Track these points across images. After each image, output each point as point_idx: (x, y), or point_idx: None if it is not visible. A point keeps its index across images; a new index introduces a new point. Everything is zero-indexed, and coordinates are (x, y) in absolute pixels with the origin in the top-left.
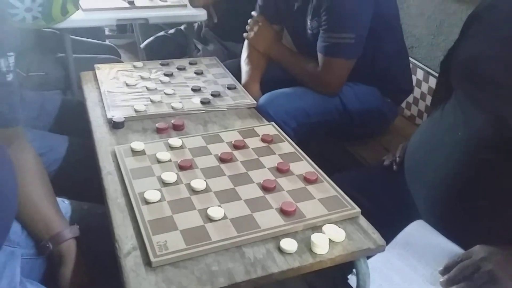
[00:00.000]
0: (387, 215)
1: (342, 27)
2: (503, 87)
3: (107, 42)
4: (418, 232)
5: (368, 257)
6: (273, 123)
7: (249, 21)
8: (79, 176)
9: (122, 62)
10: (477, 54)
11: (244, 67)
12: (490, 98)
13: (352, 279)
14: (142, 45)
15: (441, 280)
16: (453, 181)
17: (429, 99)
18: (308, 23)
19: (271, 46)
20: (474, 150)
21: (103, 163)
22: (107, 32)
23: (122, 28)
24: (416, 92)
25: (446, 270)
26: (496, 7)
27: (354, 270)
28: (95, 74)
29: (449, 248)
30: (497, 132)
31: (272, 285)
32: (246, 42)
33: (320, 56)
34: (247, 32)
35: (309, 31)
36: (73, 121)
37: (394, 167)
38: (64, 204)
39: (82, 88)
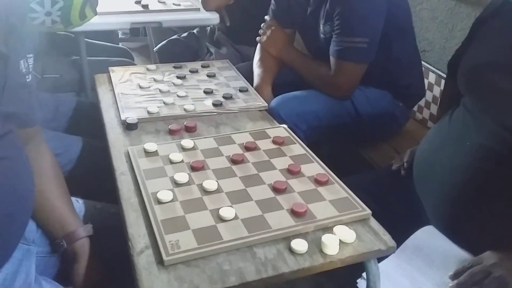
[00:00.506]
0: (396, 220)
1: (355, 31)
2: (509, 97)
3: (120, 45)
4: (428, 238)
5: (378, 261)
6: (284, 125)
7: (262, 25)
8: (93, 176)
9: (136, 65)
10: (484, 63)
11: (256, 70)
12: (497, 108)
13: (361, 283)
14: (155, 49)
15: (450, 285)
16: (461, 189)
17: None
18: (321, 28)
19: (284, 49)
20: (482, 160)
21: (117, 164)
22: (120, 35)
23: (135, 31)
24: (428, 96)
25: (456, 276)
26: (502, 13)
27: (363, 275)
28: (109, 76)
29: (458, 254)
30: (505, 143)
31: (282, 286)
32: (258, 45)
33: (332, 59)
34: (259, 35)
35: (321, 35)
36: (87, 122)
37: (402, 172)
38: (78, 203)
39: (96, 90)
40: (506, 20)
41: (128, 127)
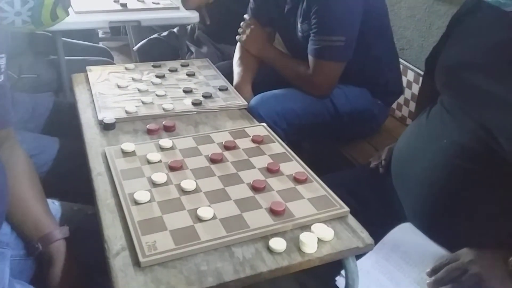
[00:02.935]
0: (374, 217)
1: (332, 30)
2: (486, 96)
3: (101, 44)
4: (405, 234)
5: (356, 258)
6: (264, 123)
7: (241, 23)
8: (69, 178)
9: (115, 64)
10: (460, 61)
11: (236, 69)
12: (473, 107)
13: (340, 281)
14: (135, 48)
15: (428, 281)
16: (439, 186)
17: None
18: (299, 26)
19: (263, 48)
20: (458, 159)
21: (94, 164)
22: (100, 35)
23: (116, 30)
24: (407, 94)
25: (433, 272)
26: (478, 12)
27: (341, 272)
28: (87, 76)
29: (435, 251)
30: (482, 141)
31: (263, 284)
32: (238, 44)
33: (310, 58)
34: (239, 34)
35: (299, 34)
36: (65, 123)
37: (380, 169)
38: (55, 205)
39: (73, 90)
40: (482, 18)
41: (106, 127)
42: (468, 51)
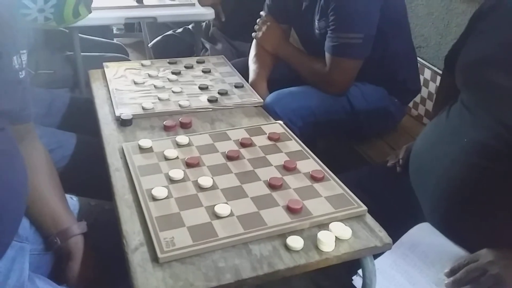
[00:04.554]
0: (391, 216)
1: (350, 27)
2: (506, 94)
3: (115, 41)
4: (423, 234)
5: (373, 257)
6: (280, 121)
7: (257, 20)
8: (86, 173)
9: (130, 60)
10: (482, 58)
11: (252, 66)
12: (494, 105)
13: (356, 280)
14: (150, 44)
15: (446, 282)
16: (458, 185)
17: None
18: (316, 23)
19: (280, 45)
20: (479, 157)
21: (111, 160)
22: (115, 31)
23: (130, 27)
24: (424, 92)
25: (452, 272)
26: (499, 8)
27: (358, 272)
28: (104, 72)
29: (454, 251)
30: (503, 140)
31: (278, 283)
32: (254, 41)
33: (327, 56)
34: (255, 31)
35: (316, 31)
36: (81, 118)
37: (398, 168)
38: (72, 200)
39: (90, 86)
40: (505, 14)
41: (123, 123)
42: (489, 49)
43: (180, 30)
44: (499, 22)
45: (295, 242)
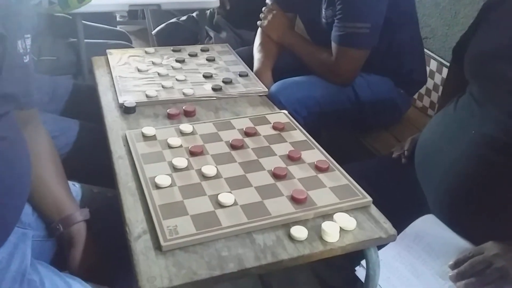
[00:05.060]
0: (396, 208)
1: (357, 16)
2: None
3: (118, 28)
4: (428, 226)
5: (377, 249)
6: (285, 111)
7: (263, 9)
8: (89, 160)
9: (134, 48)
10: (491, 50)
11: (257, 55)
12: (503, 97)
13: (359, 271)
14: (153, 32)
15: (450, 274)
16: (464, 178)
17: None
18: (323, 12)
19: (285, 34)
20: (486, 150)
21: (115, 147)
22: (118, 18)
23: (133, 14)
24: (429, 83)
25: (456, 265)
26: (509, 1)
27: (362, 262)
28: (107, 59)
29: (459, 243)
30: (510, 133)
31: (279, 273)
32: (259, 29)
33: (334, 45)
34: (260, 19)
35: (323, 20)
36: (84, 105)
37: (403, 160)
38: (75, 187)
39: (93, 73)
40: None
41: (126, 110)
42: (499, 40)
43: (184, 18)
44: (509, 14)
45: (299, 232)
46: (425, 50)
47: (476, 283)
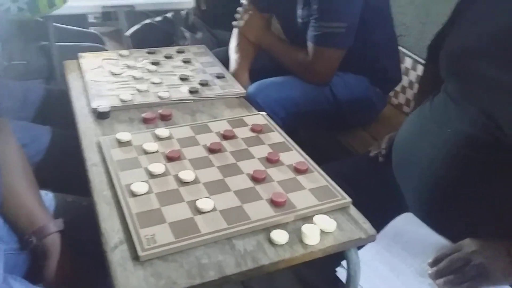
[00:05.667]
0: (374, 207)
1: (333, 16)
2: (491, 84)
3: (91, 29)
4: (407, 224)
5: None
6: (263, 112)
7: (239, 9)
8: (62, 168)
9: (107, 50)
10: (465, 47)
11: (233, 56)
12: (478, 95)
13: (340, 272)
14: (127, 33)
15: (429, 272)
16: (441, 176)
17: (417, 87)
18: (299, 12)
19: (262, 35)
20: (462, 147)
21: (88, 154)
22: (90, 20)
23: (107, 15)
24: (404, 81)
25: (435, 262)
26: None
27: (342, 263)
28: (79, 63)
29: (437, 241)
30: (486, 130)
31: (261, 277)
32: (235, 30)
33: (310, 45)
34: (236, 20)
35: (299, 20)
36: (56, 111)
37: (380, 158)
38: (48, 197)
39: (65, 77)
40: (489, 4)
41: (100, 115)
42: (474, 38)
43: (159, 18)
44: (485, 11)
45: (280, 236)
46: (400, 47)
47: (455, 280)
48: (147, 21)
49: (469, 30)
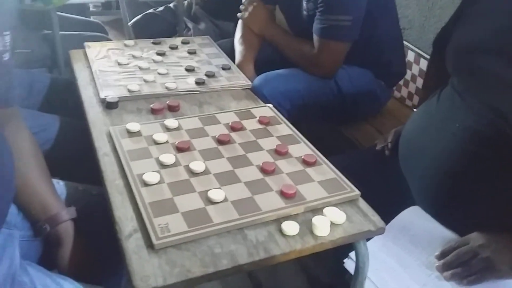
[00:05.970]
0: (381, 200)
1: (339, 9)
2: (497, 80)
3: (92, 18)
4: (414, 218)
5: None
6: (270, 105)
7: (243, 0)
8: (71, 156)
9: (111, 40)
10: (473, 43)
11: (238, 47)
12: (485, 90)
13: (348, 264)
14: (130, 23)
15: (436, 264)
16: (448, 170)
17: (419, 81)
18: (304, 5)
19: (266, 26)
20: (470, 143)
21: (99, 144)
22: (91, 9)
23: (107, 4)
24: (407, 74)
25: (442, 255)
26: None
27: (350, 255)
28: (85, 52)
29: (444, 234)
30: (493, 125)
31: (267, 268)
32: (240, 22)
33: (316, 38)
34: (239, 11)
35: (304, 13)
36: (62, 100)
37: (386, 152)
38: (59, 185)
39: (72, 66)
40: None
41: (108, 105)
42: (481, 34)
43: (161, 8)
44: (492, 7)
45: (291, 227)
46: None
47: (462, 273)
48: (150, 10)
49: (477, 26)
